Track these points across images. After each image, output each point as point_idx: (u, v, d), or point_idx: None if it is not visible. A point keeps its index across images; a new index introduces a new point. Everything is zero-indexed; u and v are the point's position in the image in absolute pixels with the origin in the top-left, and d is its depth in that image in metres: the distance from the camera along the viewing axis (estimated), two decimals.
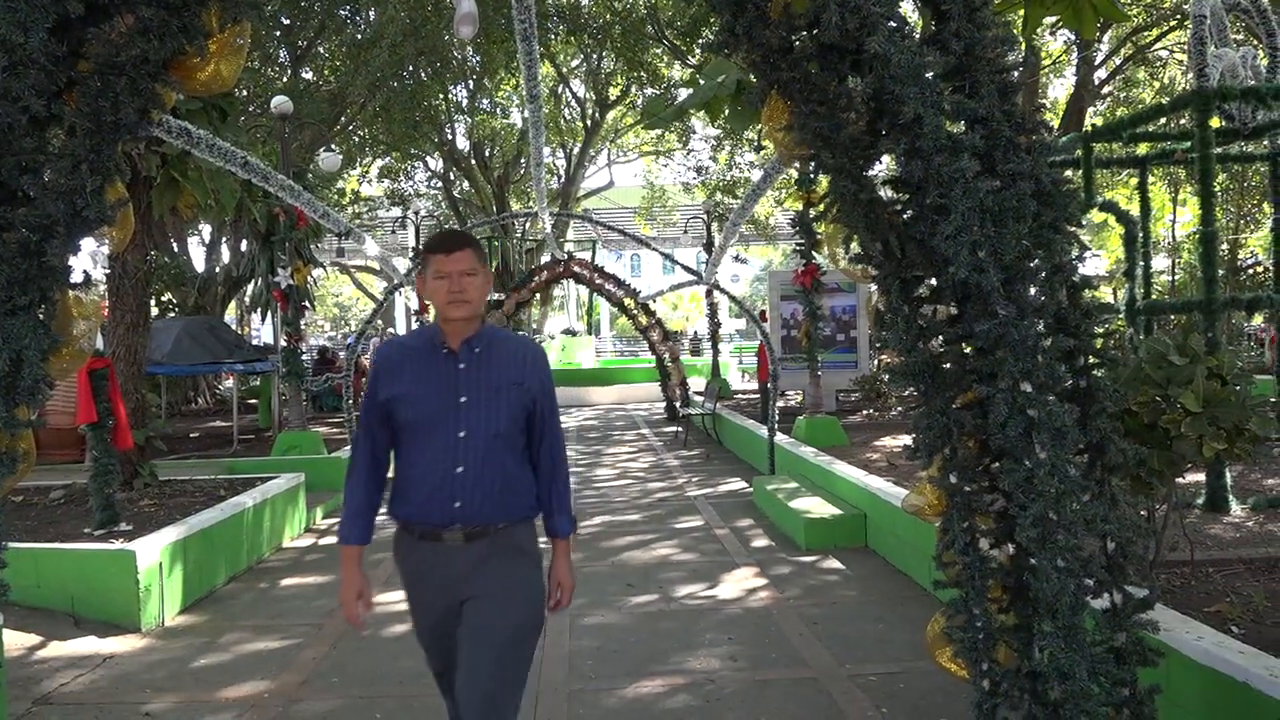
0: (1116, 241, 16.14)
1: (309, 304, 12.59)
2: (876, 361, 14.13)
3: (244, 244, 16.31)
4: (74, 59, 2.49)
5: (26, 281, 2.42)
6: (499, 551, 2.54)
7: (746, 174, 22.38)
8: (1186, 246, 22.06)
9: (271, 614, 5.75)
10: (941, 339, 2.57)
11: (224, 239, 17.18)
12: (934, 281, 2.55)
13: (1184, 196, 22.31)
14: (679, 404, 15.50)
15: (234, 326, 21.71)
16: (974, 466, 2.52)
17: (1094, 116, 18.53)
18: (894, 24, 2.37)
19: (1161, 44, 18.12)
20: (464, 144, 27.24)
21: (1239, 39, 11.64)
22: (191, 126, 4.99)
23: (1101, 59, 18.03)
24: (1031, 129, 2.51)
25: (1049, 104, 20.18)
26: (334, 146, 19.17)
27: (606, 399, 21.37)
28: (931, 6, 2.55)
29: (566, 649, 4.86)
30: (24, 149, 2.42)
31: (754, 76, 2.78)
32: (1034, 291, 2.46)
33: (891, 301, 2.60)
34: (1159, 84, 19.48)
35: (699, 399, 15.24)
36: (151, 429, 9.03)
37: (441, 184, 28.81)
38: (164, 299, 18.15)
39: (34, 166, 2.46)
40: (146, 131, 2.69)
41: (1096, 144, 7.50)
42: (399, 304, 28.63)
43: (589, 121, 26.76)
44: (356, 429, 2.71)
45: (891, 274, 2.59)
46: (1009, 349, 2.36)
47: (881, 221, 2.56)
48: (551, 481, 2.68)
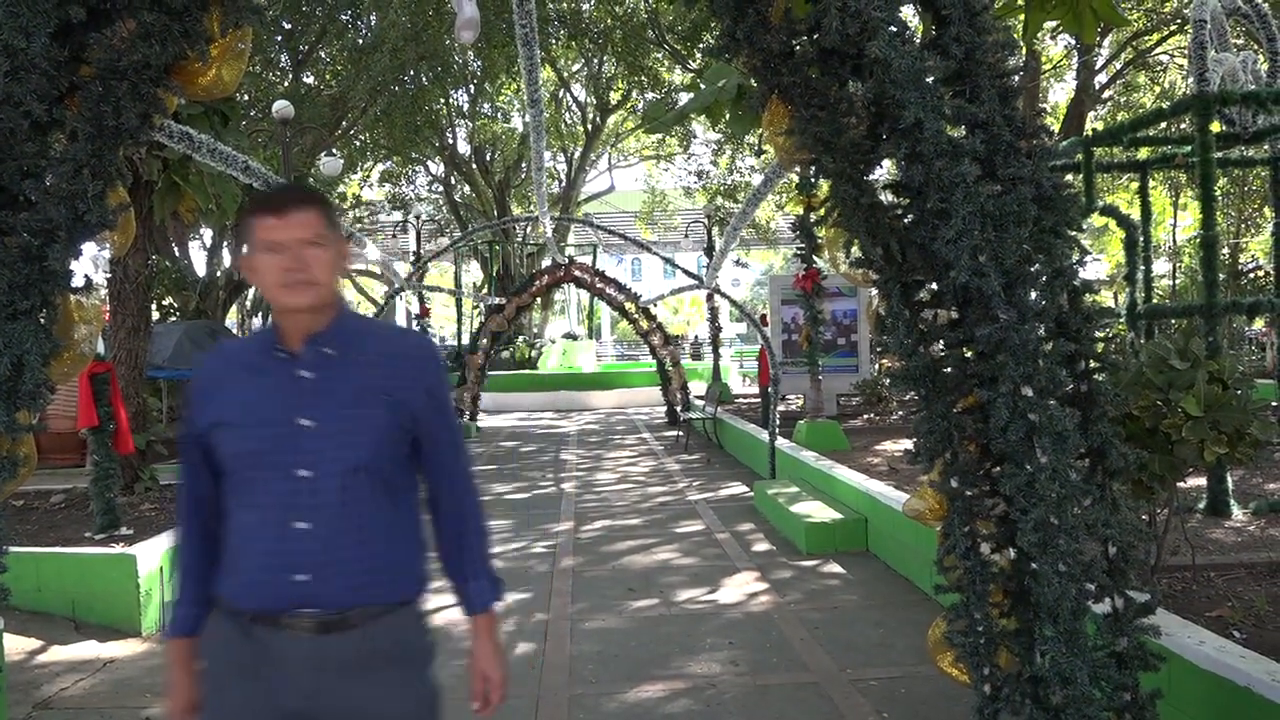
0: (1117, 246, 16.13)
1: None
2: (877, 366, 14.15)
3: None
4: (76, 64, 2.50)
5: (28, 286, 2.42)
6: (368, 657, 1.73)
7: (747, 178, 22.40)
8: (1187, 251, 22.05)
9: None
10: (942, 343, 2.57)
11: (225, 243, 17.19)
12: (935, 286, 2.55)
13: (1185, 201, 22.31)
14: (680, 408, 15.50)
15: (235, 331, 21.72)
16: (975, 471, 2.52)
17: (1095, 121, 18.56)
18: (895, 29, 2.38)
19: (1162, 48, 18.16)
20: (465, 148, 27.33)
21: (1239, 43, 11.65)
22: (193, 131, 4.99)
23: (1102, 63, 18.07)
24: (1032, 133, 2.51)
25: (1050, 108, 20.21)
26: (335, 151, 19.22)
27: (607, 403, 21.39)
28: (932, 11, 2.56)
29: (567, 654, 4.85)
30: (26, 154, 2.42)
31: (755, 81, 2.78)
32: (1035, 296, 2.46)
33: (892, 306, 2.60)
34: (1159, 88, 19.52)
35: (700, 403, 15.23)
36: (152, 433, 9.05)
37: (442, 188, 28.88)
38: (165, 303, 18.14)
39: (36, 171, 2.46)
40: (148, 136, 2.69)
41: (1097, 148, 7.52)
42: (400, 308, 28.64)
43: (590, 126, 26.83)
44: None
45: (892, 278, 2.59)
46: (1010, 353, 2.36)
47: (882, 226, 2.57)
48: (459, 534, 1.91)
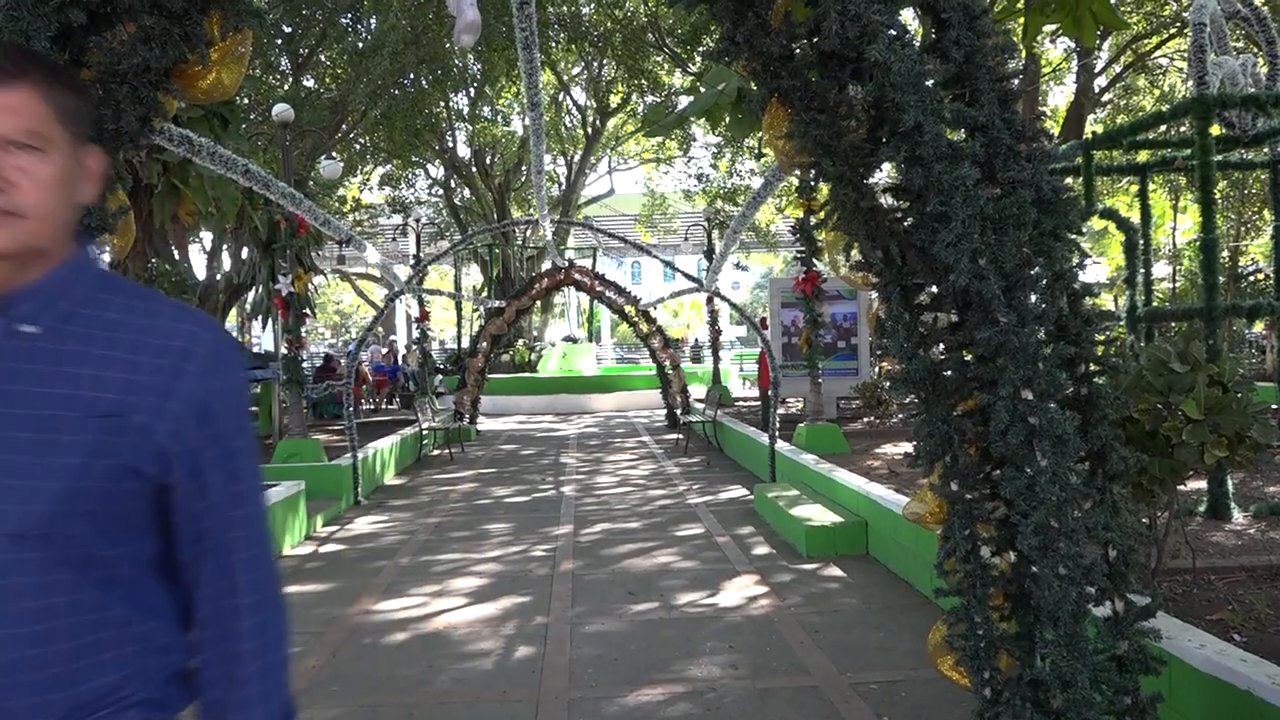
0: (1117, 249, 16.14)
1: (310, 311, 12.60)
2: (877, 368, 14.16)
3: (245, 251, 16.33)
4: (76, 67, 2.50)
5: None
6: None
7: (747, 181, 22.41)
8: (1187, 254, 22.06)
9: None
10: (942, 346, 2.58)
11: (225, 246, 17.18)
12: (935, 289, 2.56)
13: (1184, 204, 22.35)
14: (679, 411, 15.50)
15: (235, 334, 21.73)
16: (975, 474, 2.52)
17: (1094, 124, 18.58)
18: (894, 32, 2.38)
19: (1161, 51, 18.19)
20: (465, 151, 27.35)
21: (1239, 46, 11.66)
22: (193, 134, 5.00)
23: (1101, 67, 18.10)
24: (1032, 136, 2.51)
25: (1049, 112, 20.23)
26: (335, 154, 19.22)
27: (607, 406, 21.40)
28: (932, 15, 2.56)
29: (567, 657, 4.85)
30: None
31: (755, 84, 2.79)
32: (1035, 299, 2.46)
33: (892, 309, 2.61)
34: (1159, 91, 19.54)
35: (700, 406, 15.23)
36: None
37: (442, 191, 28.88)
38: None
39: None
40: (148, 139, 2.69)
41: (1097, 151, 7.53)
42: (400, 311, 28.62)
43: (590, 129, 26.85)
44: None
45: (892, 281, 2.59)
46: (1010, 356, 2.36)
47: (882, 229, 2.57)
48: (228, 658, 1.19)
